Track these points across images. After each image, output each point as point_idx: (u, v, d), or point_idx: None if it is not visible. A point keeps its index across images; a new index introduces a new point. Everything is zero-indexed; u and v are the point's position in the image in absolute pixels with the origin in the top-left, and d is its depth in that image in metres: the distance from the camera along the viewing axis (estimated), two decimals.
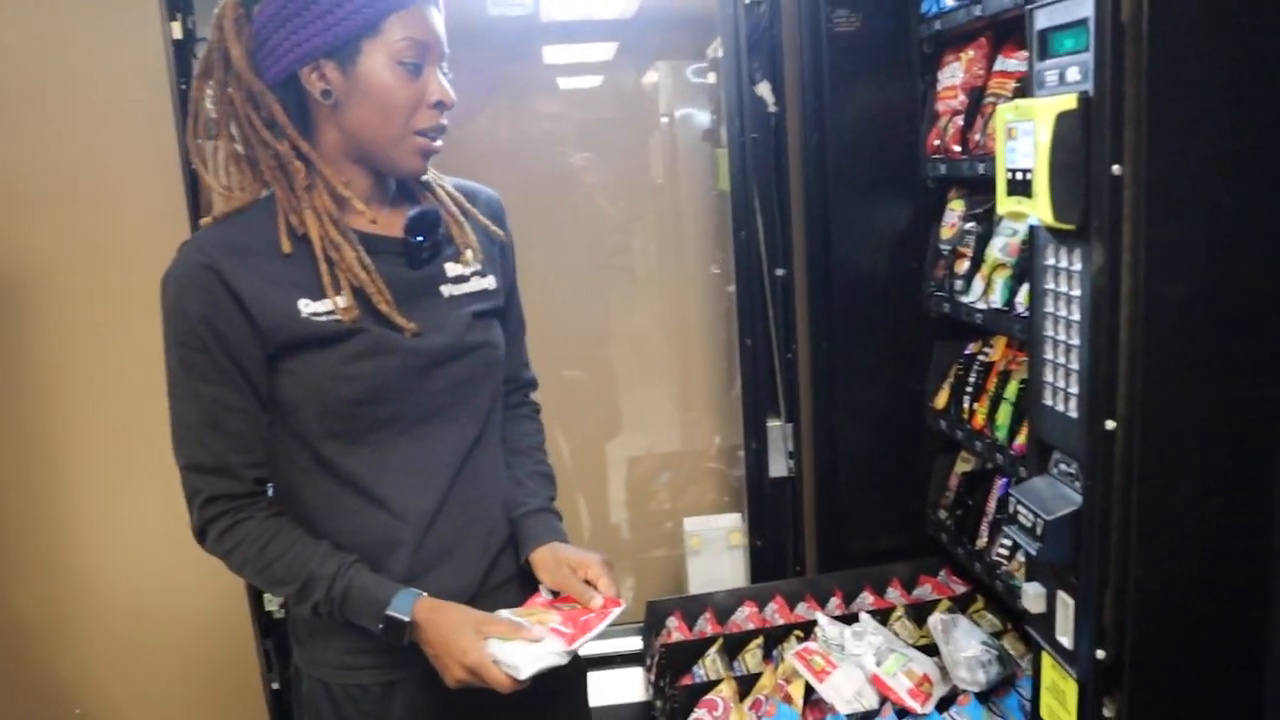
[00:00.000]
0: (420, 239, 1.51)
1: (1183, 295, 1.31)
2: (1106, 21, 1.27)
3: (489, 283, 1.60)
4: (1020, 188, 1.39)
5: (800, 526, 2.65)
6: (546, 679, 1.41)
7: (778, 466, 2.63)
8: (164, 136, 2.36)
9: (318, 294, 1.44)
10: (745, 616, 2.42)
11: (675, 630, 2.39)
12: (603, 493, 3.08)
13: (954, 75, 2.22)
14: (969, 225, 2.21)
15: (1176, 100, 1.27)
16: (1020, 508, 1.46)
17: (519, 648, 1.40)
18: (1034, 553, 1.43)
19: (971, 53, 2.17)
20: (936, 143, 2.27)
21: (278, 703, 2.57)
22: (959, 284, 2.20)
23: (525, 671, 1.38)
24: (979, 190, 2.26)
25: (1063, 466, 1.46)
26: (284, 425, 1.49)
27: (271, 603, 2.53)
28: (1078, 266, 1.37)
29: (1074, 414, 1.40)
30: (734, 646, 2.30)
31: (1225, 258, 1.31)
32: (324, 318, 1.44)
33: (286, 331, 1.42)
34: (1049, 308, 1.44)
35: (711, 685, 2.14)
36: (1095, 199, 1.31)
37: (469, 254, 1.58)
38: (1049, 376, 1.46)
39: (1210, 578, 1.37)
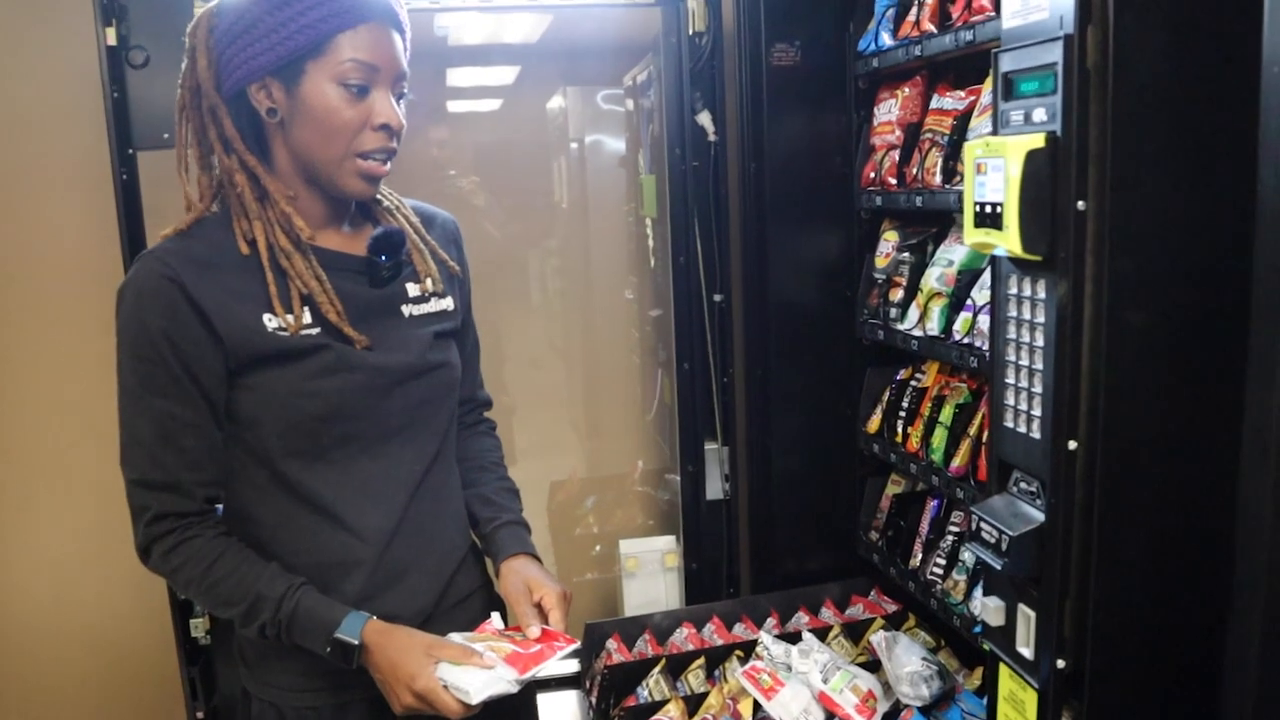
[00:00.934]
0: (383, 258, 1.52)
1: (1142, 322, 1.39)
2: (1074, 67, 1.35)
3: (448, 303, 1.62)
4: (988, 220, 1.46)
5: (735, 548, 2.70)
6: (496, 706, 1.41)
7: (714, 489, 2.67)
8: (96, 144, 2.30)
9: (285, 309, 1.44)
10: (684, 637, 2.45)
11: (615, 652, 2.40)
12: (529, 518, 3.07)
13: (890, 111, 2.31)
14: (903, 255, 2.30)
15: (1138, 141, 1.35)
16: (984, 525, 1.52)
17: (471, 672, 1.40)
18: (999, 567, 1.49)
19: (908, 90, 2.26)
20: (872, 175, 2.35)
21: None
22: (894, 312, 2.28)
23: (477, 697, 1.37)
24: (912, 222, 2.35)
25: (1023, 485, 1.53)
26: (241, 442, 1.48)
27: (197, 629, 2.46)
28: (1042, 295, 1.44)
29: (1036, 435, 1.48)
30: (677, 667, 2.32)
31: (1182, 288, 1.39)
32: (288, 333, 1.43)
33: (250, 346, 1.42)
34: (1011, 334, 1.52)
35: (658, 706, 2.16)
36: (1061, 232, 1.39)
37: (429, 281, 1.59)
38: (1010, 400, 1.53)
39: (1168, 590, 1.45)
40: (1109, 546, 1.42)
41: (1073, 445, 1.42)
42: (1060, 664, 1.47)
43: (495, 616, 1.57)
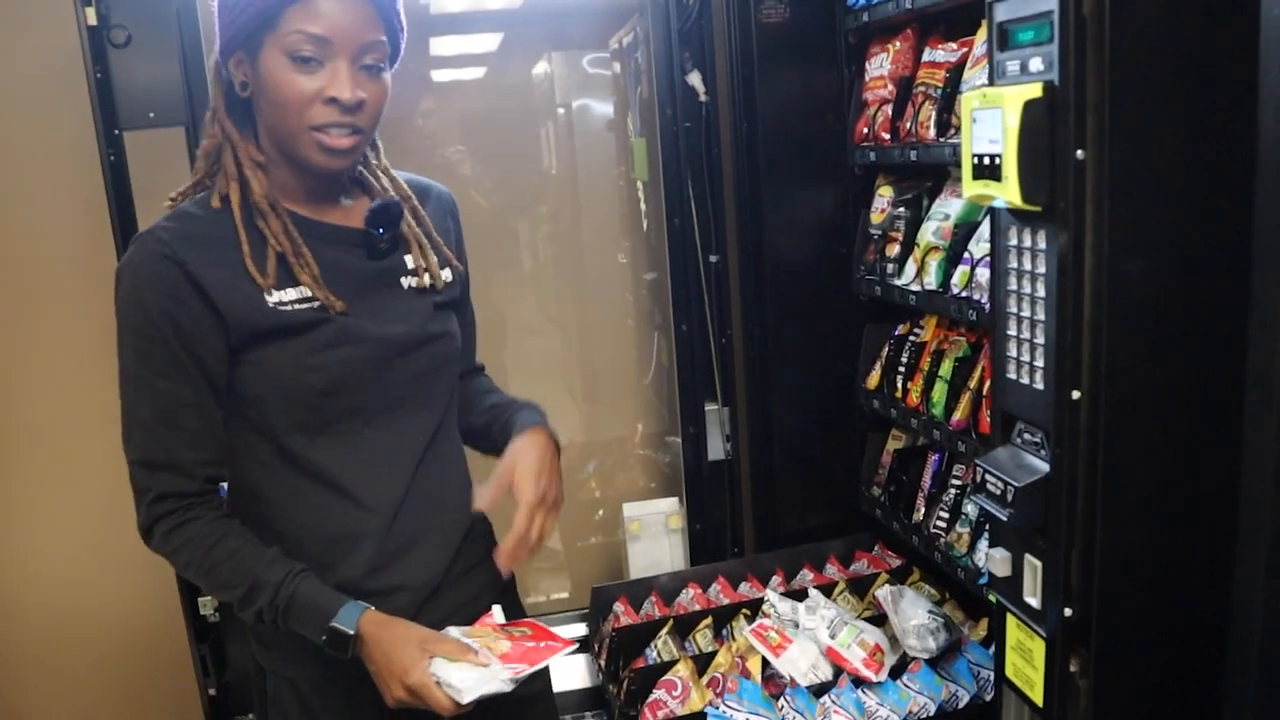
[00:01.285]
0: (380, 231, 1.51)
1: (1142, 271, 1.39)
2: (1070, 15, 1.34)
3: (446, 275, 1.60)
4: (987, 172, 1.46)
5: (738, 508, 2.71)
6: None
7: (715, 450, 2.68)
8: (80, 126, 2.28)
9: (283, 282, 1.43)
10: (690, 598, 2.47)
11: (622, 615, 2.42)
12: None
13: (881, 66, 2.30)
14: (899, 210, 2.29)
15: (1136, 89, 1.35)
16: (989, 477, 1.53)
17: (465, 670, 1.39)
18: (1005, 518, 1.50)
19: (899, 44, 2.25)
20: (865, 130, 2.34)
21: (215, 709, 2.51)
22: (891, 267, 2.28)
23: (468, 695, 1.36)
24: (906, 176, 2.34)
25: (1027, 436, 1.54)
26: (244, 418, 1.47)
27: (206, 606, 2.47)
28: (1042, 246, 1.44)
29: (1040, 386, 1.48)
30: (684, 627, 2.34)
31: (1182, 236, 1.39)
32: (290, 306, 1.42)
33: (252, 322, 1.40)
34: (1012, 286, 1.52)
35: (667, 666, 2.18)
36: (1060, 182, 1.39)
37: (431, 255, 1.57)
38: (1013, 351, 1.53)
39: (1173, 537, 1.46)
40: (1114, 495, 1.43)
41: (1076, 395, 1.43)
42: (1068, 612, 1.48)
43: (497, 609, 1.56)
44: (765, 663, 2.13)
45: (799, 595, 2.30)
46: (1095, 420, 1.42)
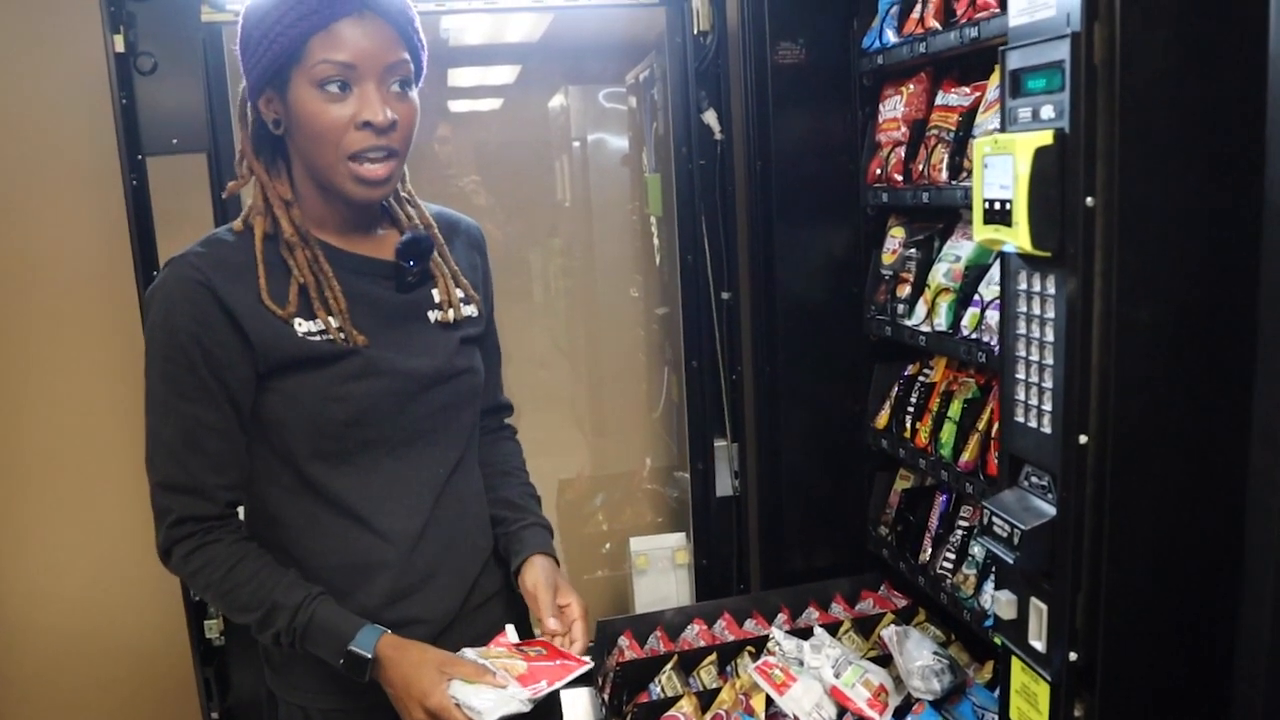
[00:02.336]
0: (410, 264, 1.53)
1: (1150, 318, 1.40)
2: (1081, 64, 1.36)
3: (472, 310, 1.62)
4: (998, 217, 1.47)
5: (745, 544, 2.71)
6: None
7: (723, 486, 2.69)
8: (104, 152, 2.32)
9: (310, 313, 1.45)
10: (696, 634, 2.46)
11: (627, 649, 2.41)
12: None
13: (895, 108, 2.32)
14: (910, 251, 2.31)
15: (1145, 137, 1.37)
16: (995, 519, 1.54)
17: (483, 691, 1.40)
18: (1011, 561, 1.50)
19: (912, 87, 2.27)
20: (878, 171, 2.36)
21: None
22: (901, 308, 2.30)
23: (489, 717, 1.37)
24: (918, 217, 2.36)
25: (1034, 479, 1.54)
26: (267, 444, 1.48)
27: (212, 630, 2.47)
28: (1052, 291, 1.45)
29: (1048, 430, 1.49)
30: (689, 663, 2.33)
31: (1189, 284, 1.41)
32: (318, 337, 1.44)
33: (281, 351, 1.42)
34: (1021, 330, 1.53)
35: (671, 702, 2.17)
36: (1070, 228, 1.40)
37: (455, 293, 1.59)
38: (1021, 395, 1.54)
39: (1179, 583, 1.47)
40: (1120, 540, 1.44)
41: (1083, 439, 1.43)
42: (1073, 657, 1.48)
43: (510, 629, 1.57)
44: (769, 701, 2.12)
45: (804, 633, 2.29)
46: (1102, 465, 1.43)
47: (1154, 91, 1.36)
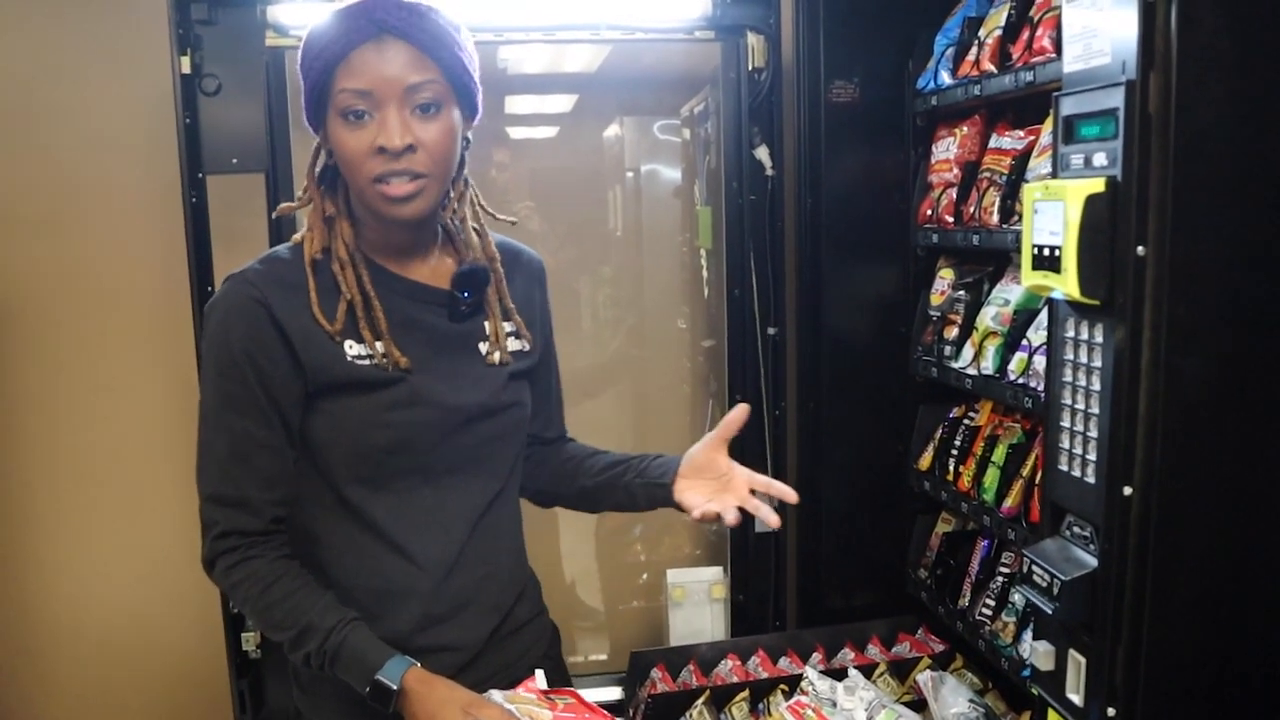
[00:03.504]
0: (465, 294, 1.54)
1: (1200, 370, 1.38)
2: (1135, 112, 1.35)
3: (523, 345, 1.63)
4: (1046, 263, 1.46)
5: (783, 581, 2.69)
6: None
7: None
8: (165, 168, 2.37)
9: (359, 335, 1.47)
10: (729, 669, 2.44)
11: (659, 681, 2.40)
12: (578, 545, 3.09)
13: (948, 149, 2.31)
14: (959, 293, 2.29)
15: (1199, 188, 1.35)
16: (1035, 568, 1.52)
17: None
18: (1050, 612, 1.48)
19: (966, 129, 2.27)
20: (929, 212, 2.35)
21: None
22: (948, 350, 2.28)
23: None
24: (967, 259, 2.35)
25: (1076, 529, 1.52)
26: (311, 463, 1.51)
27: (249, 642, 2.49)
28: (1099, 339, 1.44)
29: (1091, 480, 1.47)
30: (721, 699, 2.32)
31: (1240, 336, 1.39)
32: (366, 362, 1.46)
33: (330, 373, 1.45)
34: (1067, 378, 1.51)
35: None
36: (1120, 277, 1.39)
37: (503, 334, 1.60)
38: (1065, 443, 1.52)
39: (1224, 640, 1.44)
40: (1163, 594, 1.41)
41: (1128, 491, 1.41)
42: (1110, 712, 1.45)
43: (539, 675, 1.56)
44: None
45: (839, 674, 2.27)
46: (1146, 517, 1.41)
47: (1208, 141, 1.35)
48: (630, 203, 3.13)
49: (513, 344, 1.61)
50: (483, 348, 1.57)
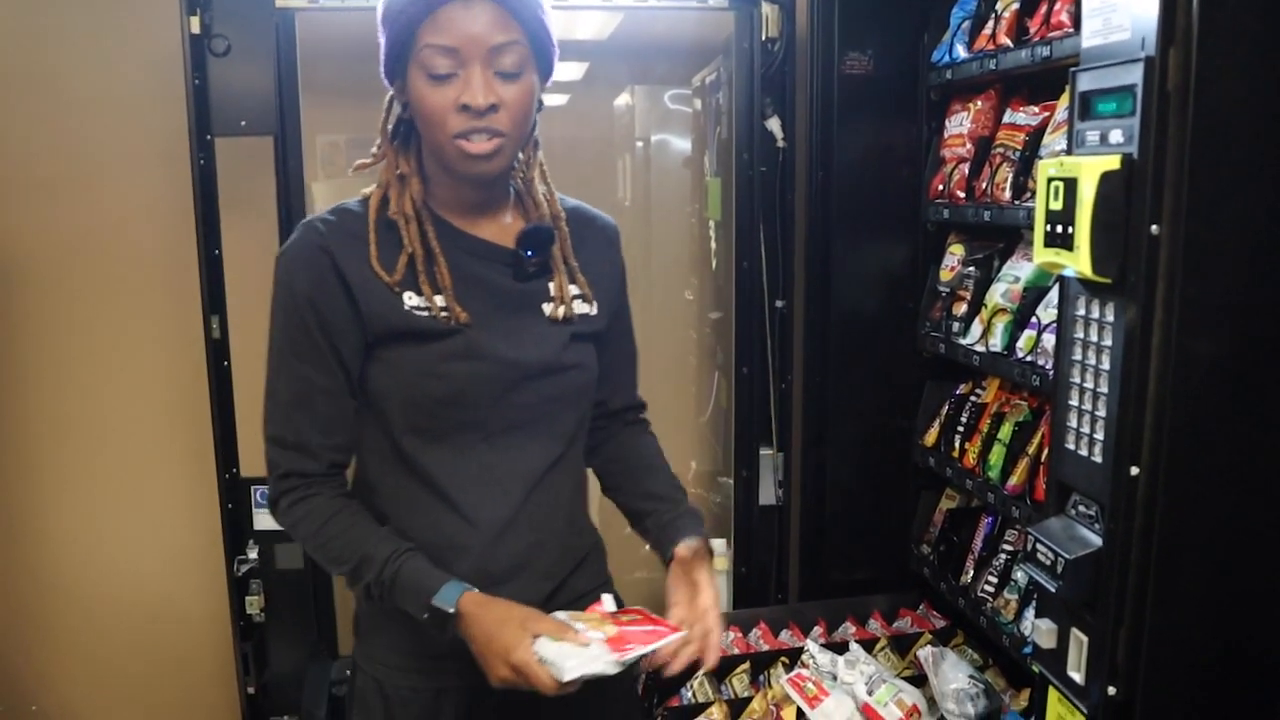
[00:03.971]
0: (529, 253, 1.53)
1: (1210, 351, 1.38)
2: (1154, 89, 1.34)
3: (590, 309, 1.60)
4: (1059, 240, 1.45)
5: (785, 555, 2.70)
6: (597, 691, 1.40)
7: (767, 494, 2.67)
8: (173, 130, 2.36)
9: (419, 288, 1.47)
10: (730, 641, 2.45)
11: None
12: None
13: (961, 124, 2.29)
14: (969, 269, 2.28)
15: (1216, 167, 1.34)
16: (1039, 546, 1.51)
17: (567, 649, 1.36)
18: (1053, 590, 1.48)
19: (980, 103, 2.25)
20: (940, 187, 2.34)
21: (253, 709, 2.54)
22: (957, 326, 2.27)
23: (570, 674, 1.33)
24: (978, 236, 2.33)
25: (1082, 508, 1.52)
26: (370, 412, 1.52)
27: (253, 606, 2.51)
28: (1110, 318, 1.43)
29: (1098, 459, 1.46)
30: (722, 670, 2.33)
31: (1252, 317, 1.38)
32: (424, 313, 1.46)
33: (387, 322, 1.45)
34: (1077, 356, 1.50)
35: (701, 708, 2.17)
36: (1133, 256, 1.38)
37: (568, 291, 1.58)
38: (1073, 422, 1.52)
39: (1227, 622, 1.44)
40: (1167, 575, 1.41)
41: (1134, 471, 1.41)
42: (1111, 691, 1.46)
43: (607, 598, 1.55)
44: (800, 713, 2.11)
45: (839, 648, 2.28)
46: (1152, 498, 1.41)
47: (1227, 120, 1.33)
48: (640, 173, 3.12)
49: (579, 306, 1.59)
50: (546, 308, 1.55)
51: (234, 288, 2.40)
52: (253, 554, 2.49)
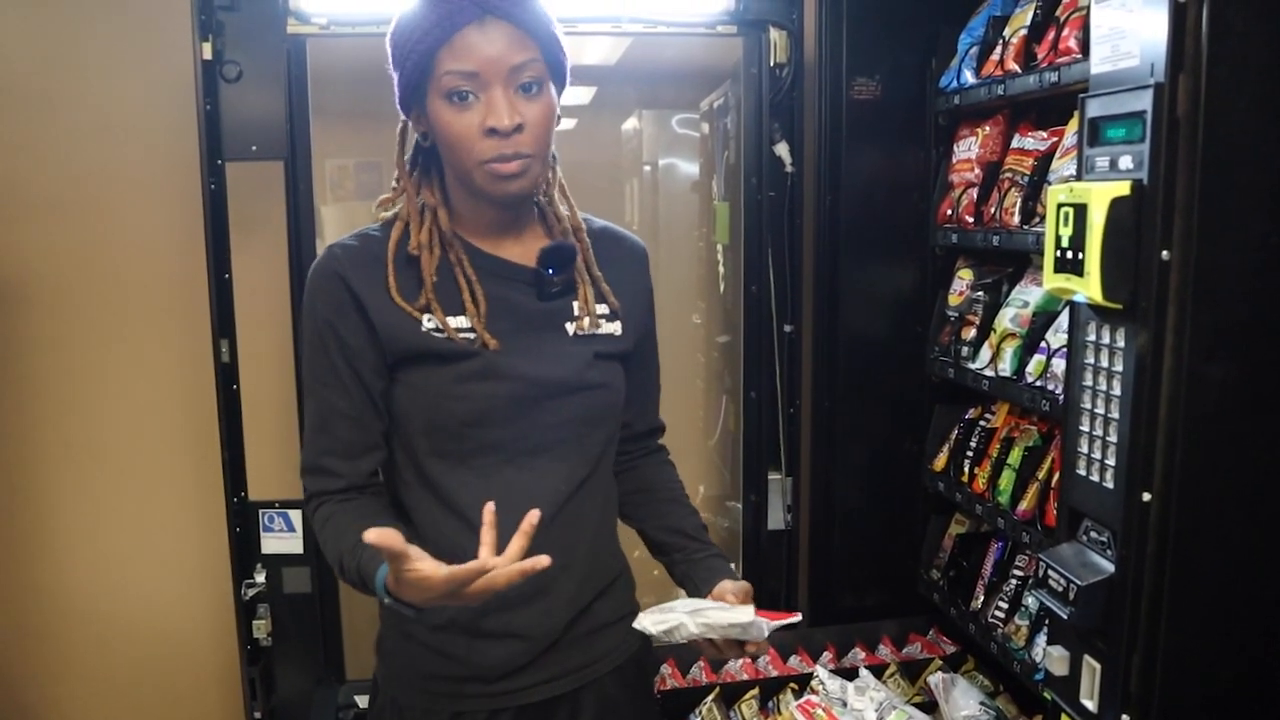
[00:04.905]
0: (550, 272, 1.53)
1: (1222, 376, 1.37)
2: (1163, 115, 1.34)
3: (615, 328, 1.59)
4: (1069, 265, 1.45)
5: (794, 580, 2.68)
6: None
7: (775, 519, 2.66)
8: (184, 154, 2.37)
9: (447, 310, 1.48)
10: (739, 666, 2.44)
11: (669, 677, 2.40)
12: None
13: (969, 149, 2.30)
14: (977, 294, 2.28)
15: (1226, 193, 1.34)
16: (1051, 572, 1.51)
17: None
18: (1065, 617, 1.47)
19: (988, 128, 2.25)
20: (949, 212, 2.34)
21: None
22: (965, 350, 2.27)
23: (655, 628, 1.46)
24: (987, 260, 2.33)
25: (1093, 534, 1.51)
26: (397, 438, 1.53)
27: (260, 630, 2.50)
28: (1121, 344, 1.43)
29: (1110, 485, 1.46)
30: (730, 696, 2.32)
31: (1264, 343, 1.38)
32: (442, 334, 1.46)
33: (405, 344, 1.46)
34: (1087, 381, 1.50)
35: None
36: (1144, 281, 1.38)
37: (594, 303, 1.58)
38: (1084, 448, 1.52)
39: (1242, 650, 1.43)
40: (1180, 602, 1.40)
41: (1146, 497, 1.41)
42: (1125, 719, 1.44)
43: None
44: None
45: (849, 674, 2.27)
46: (1165, 524, 1.40)
47: (1237, 146, 1.34)
48: (648, 196, 3.12)
49: (605, 325, 1.58)
50: (570, 327, 1.54)
51: (243, 311, 2.41)
52: (260, 578, 2.48)
